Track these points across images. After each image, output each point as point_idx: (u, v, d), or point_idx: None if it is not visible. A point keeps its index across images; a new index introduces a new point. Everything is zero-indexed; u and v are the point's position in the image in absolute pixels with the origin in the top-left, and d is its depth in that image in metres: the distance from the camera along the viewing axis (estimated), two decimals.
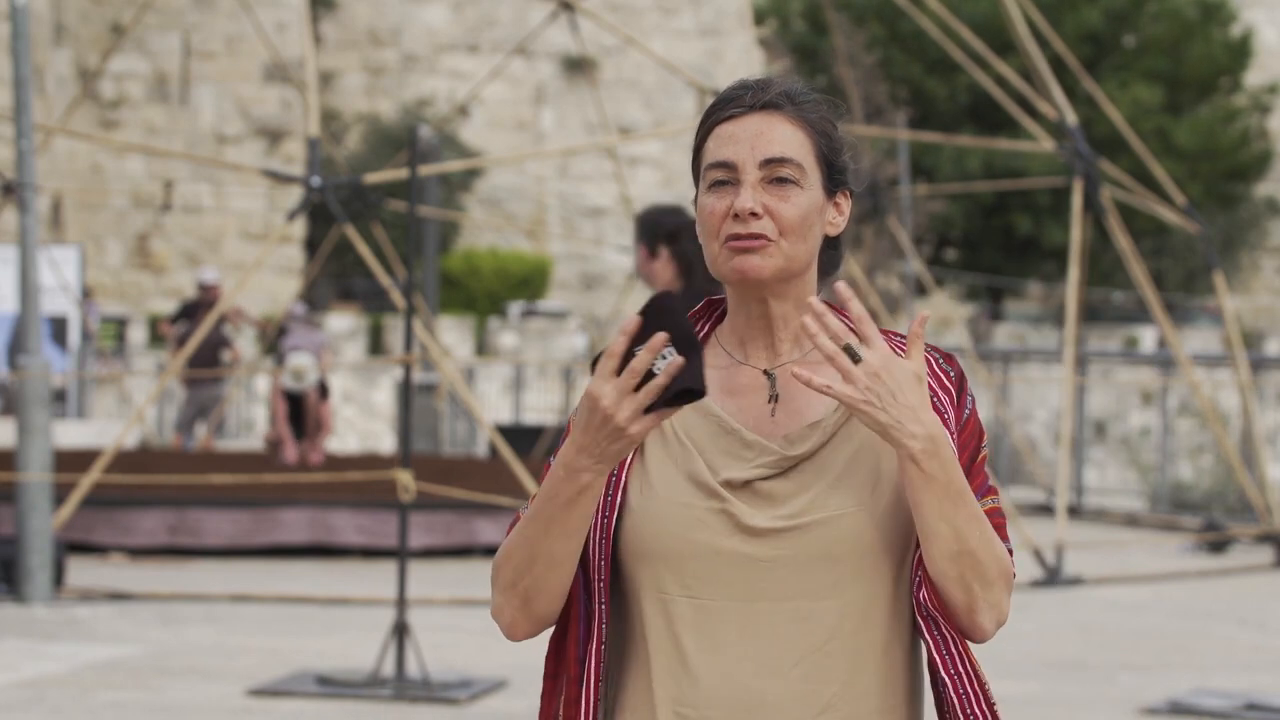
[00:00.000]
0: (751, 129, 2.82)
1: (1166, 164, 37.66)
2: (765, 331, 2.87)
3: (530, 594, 2.78)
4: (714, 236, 2.83)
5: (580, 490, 2.71)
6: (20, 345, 13.26)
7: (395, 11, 49.05)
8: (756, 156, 2.81)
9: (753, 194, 2.80)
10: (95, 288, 38.36)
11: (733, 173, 2.81)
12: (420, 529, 15.19)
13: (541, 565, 2.76)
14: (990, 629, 2.78)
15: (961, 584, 2.74)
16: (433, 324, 26.13)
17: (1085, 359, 22.75)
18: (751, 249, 2.79)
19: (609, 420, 2.65)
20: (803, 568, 2.76)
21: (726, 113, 2.84)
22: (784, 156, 2.81)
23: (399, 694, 9.77)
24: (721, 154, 2.82)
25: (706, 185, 2.84)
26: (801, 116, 2.84)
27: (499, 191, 49.30)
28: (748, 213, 2.79)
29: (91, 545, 15.25)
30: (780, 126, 2.83)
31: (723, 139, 2.83)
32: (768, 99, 2.84)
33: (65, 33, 42.74)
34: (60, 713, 9.29)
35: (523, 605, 2.80)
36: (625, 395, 2.64)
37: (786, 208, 2.80)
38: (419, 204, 11.87)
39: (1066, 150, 17.22)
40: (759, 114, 2.83)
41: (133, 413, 20.32)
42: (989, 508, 2.82)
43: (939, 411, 2.80)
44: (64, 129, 22.21)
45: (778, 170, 2.81)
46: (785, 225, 2.80)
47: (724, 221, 2.81)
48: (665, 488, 2.80)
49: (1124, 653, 11.77)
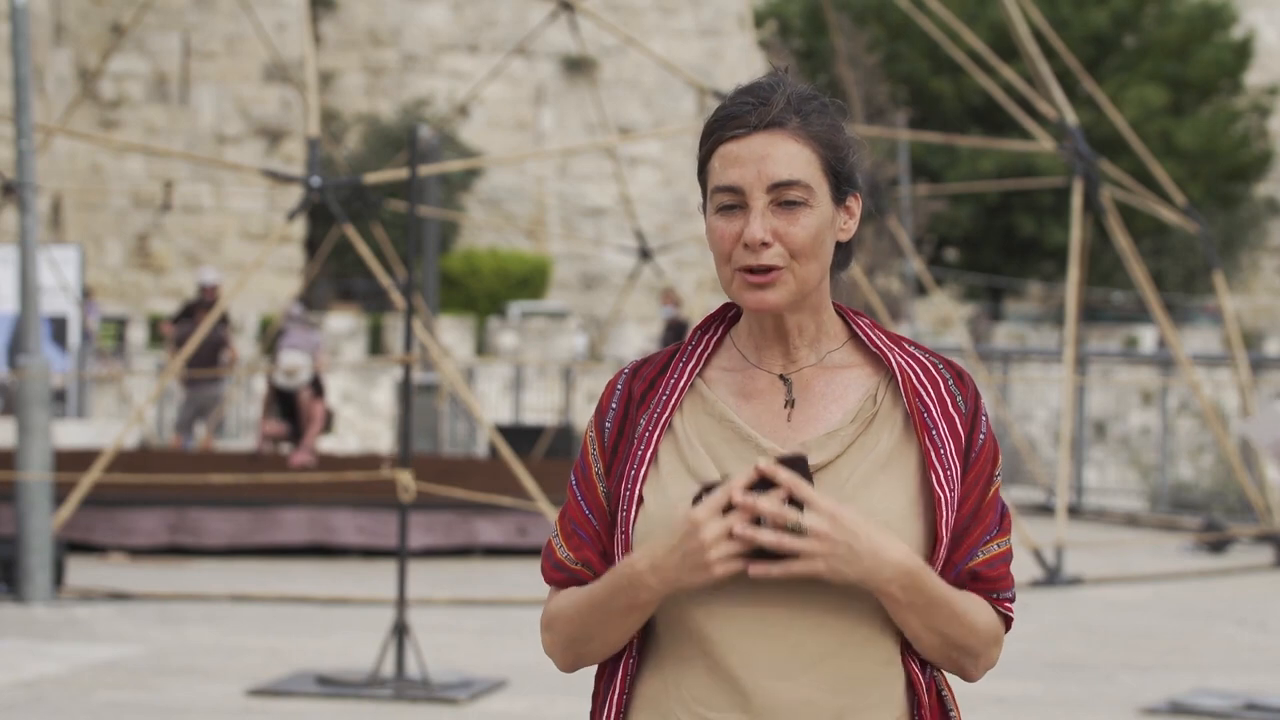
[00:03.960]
0: (757, 151, 2.78)
1: (1169, 165, 37.70)
2: (780, 340, 2.86)
3: (583, 656, 2.88)
4: (725, 261, 2.81)
5: (638, 605, 2.76)
6: (20, 345, 13.25)
7: (395, 11, 49.05)
8: (764, 181, 2.77)
9: (762, 222, 2.77)
10: (95, 288, 38.37)
11: (740, 197, 2.78)
12: (420, 529, 15.19)
13: (597, 643, 2.83)
14: (981, 676, 2.87)
15: (949, 662, 2.83)
16: (433, 324, 26.13)
17: (1085, 359, 22.75)
18: (766, 284, 2.78)
19: (701, 551, 2.67)
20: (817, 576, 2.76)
21: (730, 132, 2.80)
22: (791, 179, 2.77)
23: (399, 694, 9.77)
24: (728, 178, 2.78)
25: (714, 207, 2.81)
26: (806, 132, 2.80)
27: (499, 191, 49.30)
28: (758, 243, 2.76)
29: (91, 545, 15.24)
30: (785, 146, 2.78)
31: (728, 160, 2.79)
32: (771, 117, 2.79)
33: (65, 33, 42.74)
34: (60, 713, 9.29)
35: (576, 660, 2.89)
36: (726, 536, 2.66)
37: (796, 230, 2.77)
38: (419, 204, 11.87)
39: (1067, 150, 17.21)
40: (763, 134, 2.78)
41: (133, 413, 20.32)
42: (994, 553, 2.84)
43: (936, 446, 2.79)
44: (64, 129, 22.20)
45: (785, 194, 2.77)
46: (796, 248, 2.78)
47: (735, 246, 2.78)
48: (678, 494, 2.79)
49: (1124, 653, 11.77)
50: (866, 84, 32.80)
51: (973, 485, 2.81)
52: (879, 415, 2.82)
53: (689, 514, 2.67)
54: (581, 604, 2.81)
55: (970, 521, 2.82)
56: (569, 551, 2.87)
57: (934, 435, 2.79)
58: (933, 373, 2.85)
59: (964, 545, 2.81)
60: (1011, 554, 2.86)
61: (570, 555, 2.87)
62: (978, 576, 2.82)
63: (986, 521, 2.83)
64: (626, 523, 2.81)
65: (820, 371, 2.85)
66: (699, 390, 2.86)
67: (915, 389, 2.82)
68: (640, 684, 2.85)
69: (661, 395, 2.85)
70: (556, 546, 2.88)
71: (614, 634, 2.81)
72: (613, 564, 2.82)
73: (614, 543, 2.84)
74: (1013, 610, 2.87)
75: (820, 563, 2.67)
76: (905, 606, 2.73)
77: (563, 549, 2.88)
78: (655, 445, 2.81)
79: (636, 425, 2.84)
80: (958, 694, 3.00)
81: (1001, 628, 2.85)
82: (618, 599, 2.75)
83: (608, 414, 2.87)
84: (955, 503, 2.79)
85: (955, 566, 2.82)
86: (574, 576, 2.86)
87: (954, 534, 2.80)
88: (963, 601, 2.78)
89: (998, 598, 2.85)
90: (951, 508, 2.79)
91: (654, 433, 2.82)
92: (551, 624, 2.86)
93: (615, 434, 2.86)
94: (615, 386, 2.89)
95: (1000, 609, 2.86)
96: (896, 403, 2.83)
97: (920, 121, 40.72)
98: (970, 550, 2.82)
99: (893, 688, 2.80)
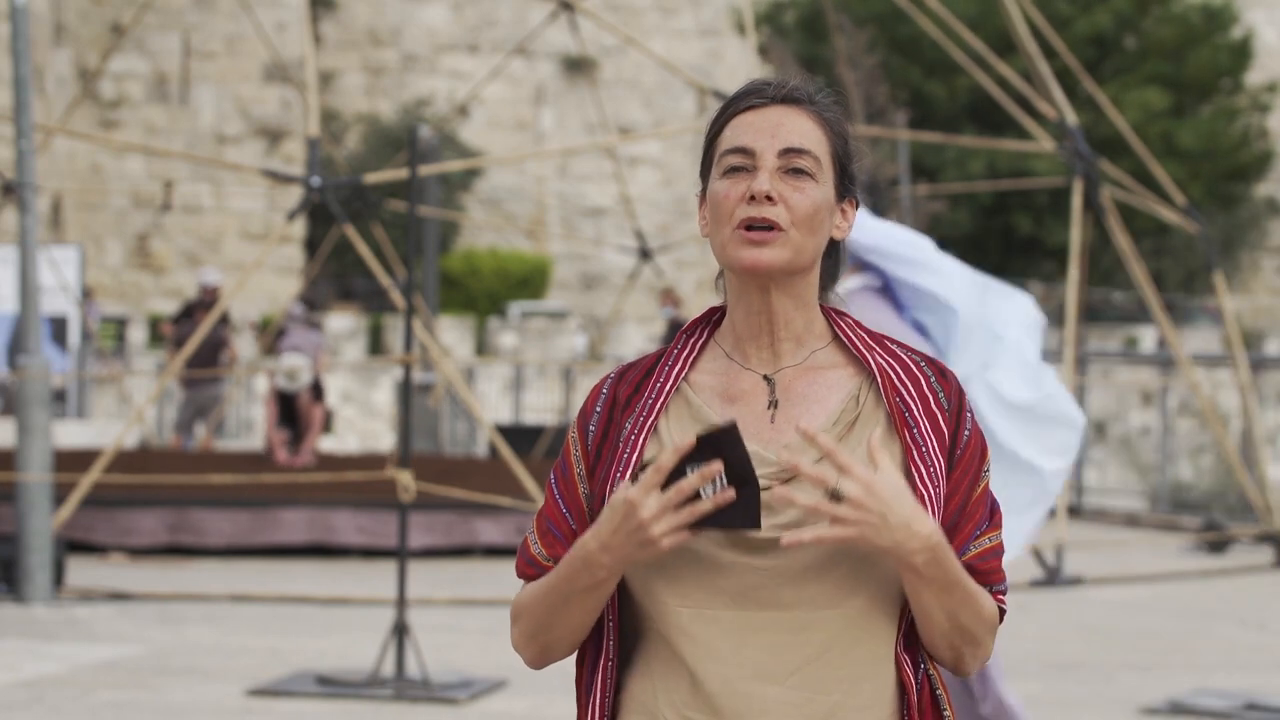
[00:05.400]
0: (772, 119, 2.84)
1: (1169, 165, 37.68)
2: (766, 330, 2.86)
3: (549, 647, 2.88)
4: (726, 221, 2.83)
5: (595, 584, 2.77)
6: (20, 345, 13.25)
7: (395, 11, 49.04)
8: (776, 145, 2.82)
9: (770, 179, 2.81)
10: (95, 288, 38.35)
11: (750, 158, 2.82)
12: (420, 529, 15.19)
13: (560, 629, 2.84)
14: (975, 670, 2.87)
15: (951, 650, 2.83)
16: (433, 324, 26.12)
17: (1085, 359, 22.74)
18: (764, 241, 2.80)
19: (642, 529, 2.69)
20: (801, 577, 2.77)
21: (747, 103, 2.86)
22: (803, 147, 2.82)
23: (399, 694, 9.77)
24: (741, 140, 2.83)
25: (721, 170, 2.84)
26: (821, 114, 2.87)
27: (499, 191, 49.28)
28: (764, 195, 2.79)
29: (91, 545, 15.24)
30: (800, 119, 2.85)
31: (742, 127, 2.84)
32: (789, 93, 2.86)
33: (65, 33, 42.73)
34: (60, 713, 9.29)
35: (542, 652, 2.90)
36: (666, 511, 2.67)
37: (801, 198, 2.81)
38: (419, 204, 11.87)
39: (1066, 150, 17.21)
40: (780, 106, 2.85)
41: (133, 413, 20.31)
42: (985, 547, 2.84)
43: (917, 444, 2.80)
44: (64, 129, 22.21)
45: (795, 160, 2.82)
46: (798, 215, 2.81)
47: (738, 205, 2.81)
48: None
49: (1124, 653, 11.77)
50: (866, 85, 32.81)
51: (959, 482, 2.82)
52: (861, 417, 2.83)
53: (626, 495, 2.69)
54: (542, 589, 2.84)
55: (959, 518, 2.82)
56: (542, 548, 2.89)
57: (915, 434, 2.80)
58: (914, 371, 2.86)
59: (955, 541, 2.82)
60: (1003, 548, 2.87)
61: (543, 552, 2.88)
62: (972, 570, 2.83)
63: (976, 517, 2.84)
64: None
65: (803, 372, 2.86)
66: (684, 394, 2.87)
67: (895, 387, 2.83)
68: (628, 687, 2.85)
69: (647, 399, 2.86)
70: (531, 543, 2.91)
71: (575, 618, 2.82)
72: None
73: None
74: (1005, 602, 2.89)
75: (854, 529, 2.68)
76: (927, 582, 2.73)
77: (536, 545, 2.90)
78: (640, 449, 2.82)
79: (621, 429, 2.86)
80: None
81: (998, 615, 2.86)
82: (576, 580, 2.77)
83: (592, 416, 2.89)
84: (940, 500, 2.80)
85: None
86: (544, 573, 2.88)
87: (942, 530, 2.81)
88: (972, 584, 2.80)
89: (991, 590, 2.86)
90: (936, 505, 2.79)
91: (639, 436, 2.83)
92: (518, 616, 2.89)
93: (599, 437, 2.87)
94: (600, 390, 2.91)
95: (995, 600, 2.87)
96: (879, 403, 2.84)
97: (920, 122, 40.72)
98: (963, 545, 2.83)
99: (884, 686, 2.81)
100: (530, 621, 2.86)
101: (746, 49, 22.10)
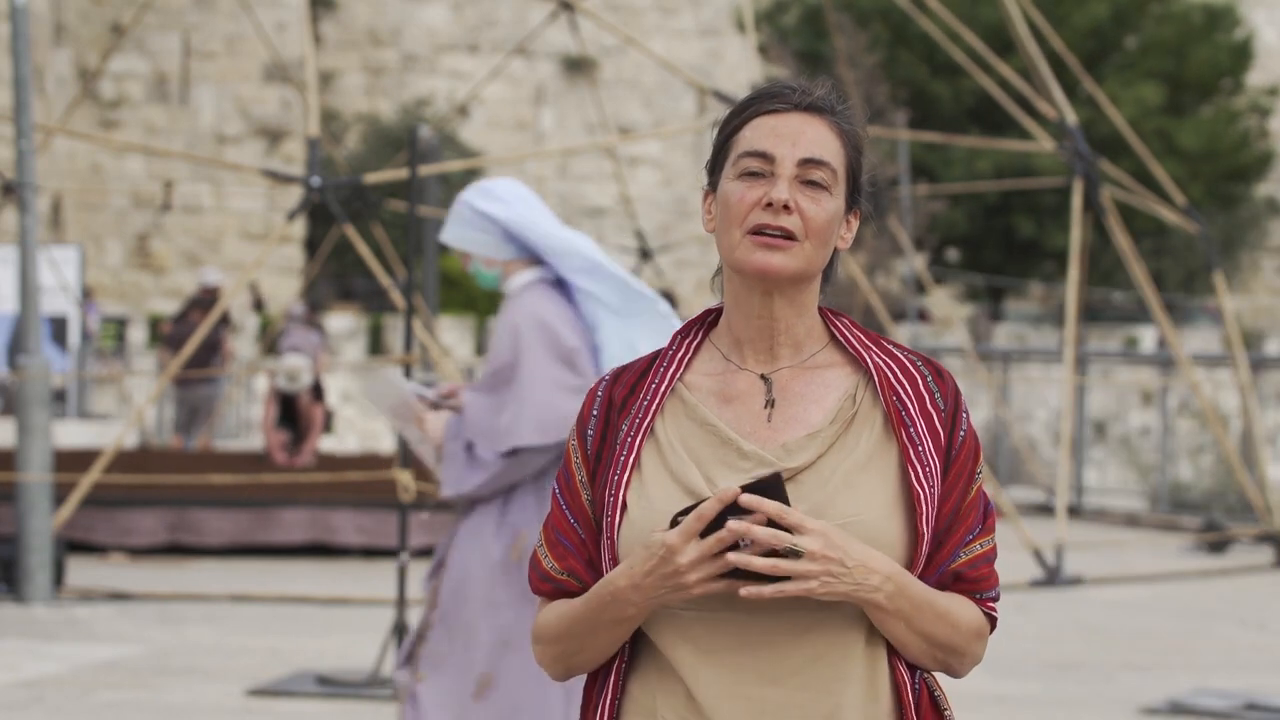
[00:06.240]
0: (794, 126, 2.82)
1: (1169, 165, 37.67)
2: (765, 334, 2.85)
3: (576, 667, 2.88)
4: (737, 223, 2.81)
5: (623, 619, 2.77)
6: (20, 345, 13.25)
7: (395, 11, 49.05)
8: (796, 154, 2.80)
9: (788, 189, 2.79)
10: (95, 288, 38.35)
11: (769, 164, 2.80)
12: (420, 529, 15.19)
13: (588, 653, 2.84)
14: (967, 673, 2.88)
15: (935, 662, 2.83)
16: (433, 324, 26.12)
17: (1085, 359, 22.74)
18: (778, 246, 2.79)
19: (678, 575, 2.69)
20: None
21: (769, 106, 2.84)
22: (822, 159, 2.81)
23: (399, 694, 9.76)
24: (761, 144, 2.81)
25: (737, 172, 2.83)
26: (840, 126, 2.85)
27: None
28: (781, 204, 2.78)
29: (91, 545, 15.24)
30: (821, 130, 2.83)
31: (763, 131, 2.82)
32: (812, 101, 2.84)
33: (65, 33, 42.75)
34: (60, 713, 9.29)
35: (568, 671, 2.90)
36: (705, 560, 2.67)
37: (816, 210, 2.80)
38: (419, 204, 11.86)
39: (1066, 150, 17.21)
40: (803, 114, 2.83)
41: (132, 413, 20.31)
42: (976, 554, 2.84)
43: (913, 443, 2.80)
44: (64, 129, 22.20)
45: (813, 172, 2.81)
46: (812, 227, 2.80)
47: (752, 210, 2.80)
48: (662, 499, 2.80)
49: (1124, 653, 11.76)
50: (866, 84, 32.81)
51: (954, 483, 2.82)
52: (858, 415, 2.83)
53: (665, 540, 2.68)
54: (568, 618, 2.83)
55: (953, 520, 2.82)
56: (554, 561, 2.88)
57: (911, 433, 2.80)
58: (910, 370, 2.85)
59: (947, 546, 2.82)
60: (995, 553, 2.87)
61: (555, 565, 2.88)
62: (960, 578, 2.83)
63: (969, 521, 2.83)
64: (611, 529, 2.81)
65: (800, 372, 2.85)
66: (680, 394, 2.86)
67: (892, 387, 2.83)
68: (630, 688, 2.85)
69: (643, 401, 2.85)
70: (542, 557, 2.89)
71: (603, 644, 2.82)
72: (599, 571, 2.83)
73: (600, 550, 2.85)
74: (996, 610, 2.88)
75: (815, 582, 2.69)
76: (891, 614, 2.74)
77: (548, 559, 2.88)
78: (638, 451, 2.82)
79: (619, 431, 2.85)
80: (956, 693, 3.02)
81: (985, 622, 2.85)
82: (604, 613, 2.78)
83: (589, 421, 2.88)
84: (936, 500, 2.80)
85: (939, 568, 2.82)
86: (560, 587, 2.87)
87: (936, 533, 2.80)
88: (944, 601, 2.79)
89: (981, 598, 2.86)
90: (932, 505, 2.79)
91: (636, 438, 2.82)
92: (540, 637, 2.88)
93: (598, 441, 2.86)
94: (596, 394, 2.89)
95: (984, 609, 2.86)
96: (876, 402, 2.84)
97: (920, 122, 40.71)
98: (953, 551, 2.82)
99: (884, 687, 2.81)
100: (556, 647, 2.86)
101: (747, 49, 22.11)
